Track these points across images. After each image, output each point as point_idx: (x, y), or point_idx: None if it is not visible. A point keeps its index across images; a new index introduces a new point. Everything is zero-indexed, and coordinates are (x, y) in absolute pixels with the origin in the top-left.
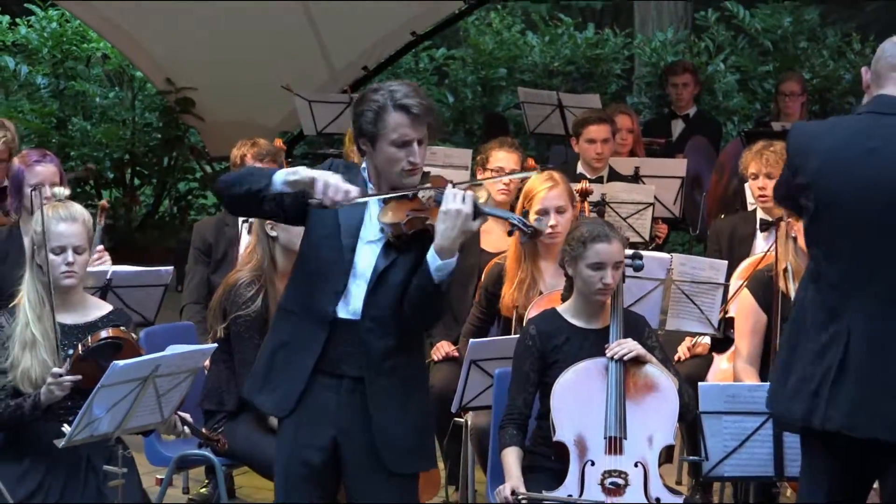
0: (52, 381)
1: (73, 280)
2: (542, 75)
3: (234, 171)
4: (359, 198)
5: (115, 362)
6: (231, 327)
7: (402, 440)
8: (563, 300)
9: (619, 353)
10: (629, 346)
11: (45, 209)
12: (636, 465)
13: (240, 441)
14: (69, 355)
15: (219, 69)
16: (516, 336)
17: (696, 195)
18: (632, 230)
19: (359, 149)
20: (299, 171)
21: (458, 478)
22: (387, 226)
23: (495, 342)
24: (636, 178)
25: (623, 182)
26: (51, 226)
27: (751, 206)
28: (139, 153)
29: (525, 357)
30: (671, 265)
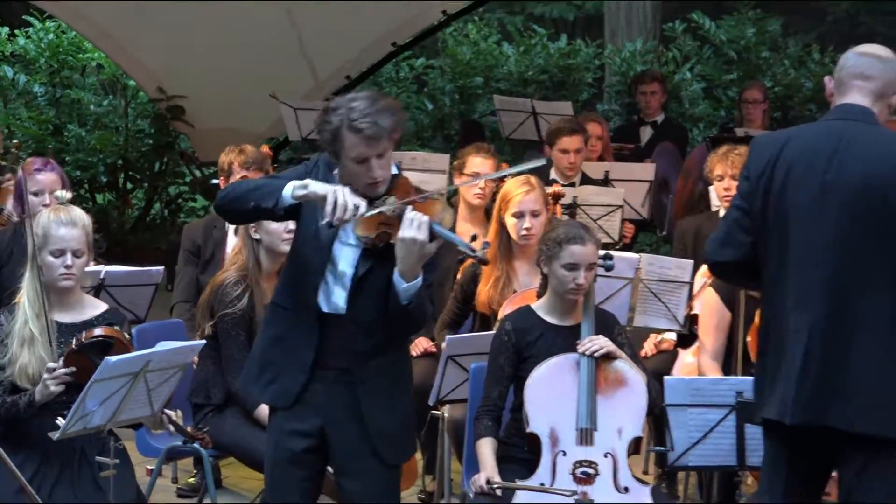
0: (47, 374)
1: (71, 282)
2: (517, 84)
3: (236, 186)
4: (368, 212)
5: (108, 358)
6: (218, 325)
7: (392, 432)
8: (539, 297)
9: (591, 349)
10: (600, 343)
11: (47, 213)
12: (606, 456)
13: (227, 433)
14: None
15: (208, 78)
16: (491, 332)
17: (664, 198)
18: (602, 231)
19: None
20: (309, 186)
21: (434, 467)
22: (359, 238)
23: (471, 338)
24: (606, 181)
25: (594, 185)
26: (52, 229)
27: (715, 208)
28: (132, 158)
29: (501, 352)
30: (639, 265)
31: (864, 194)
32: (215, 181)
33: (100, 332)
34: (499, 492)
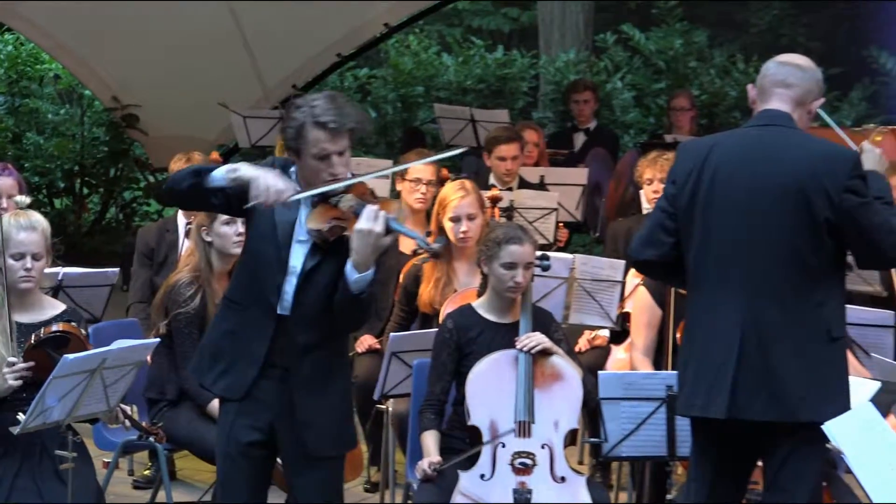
0: (7, 369)
1: (31, 284)
2: (457, 92)
3: (179, 170)
4: (293, 196)
5: (66, 356)
6: (172, 323)
7: (323, 426)
8: (479, 296)
9: (529, 345)
10: (537, 339)
11: (7, 217)
12: (543, 447)
13: (180, 427)
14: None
15: (161, 88)
16: (433, 330)
17: (596, 201)
18: (538, 233)
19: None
20: (240, 169)
21: (379, 459)
22: (311, 231)
23: (414, 335)
24: (542, 185)
25: (530, 189)
26: (12, 234)
27: (645, 211)
28: (88, 165)
29: (443, 349)
30: (573, 265)
31: (787, 197)
32: None
33: (57, 327)
34: (436, 473)
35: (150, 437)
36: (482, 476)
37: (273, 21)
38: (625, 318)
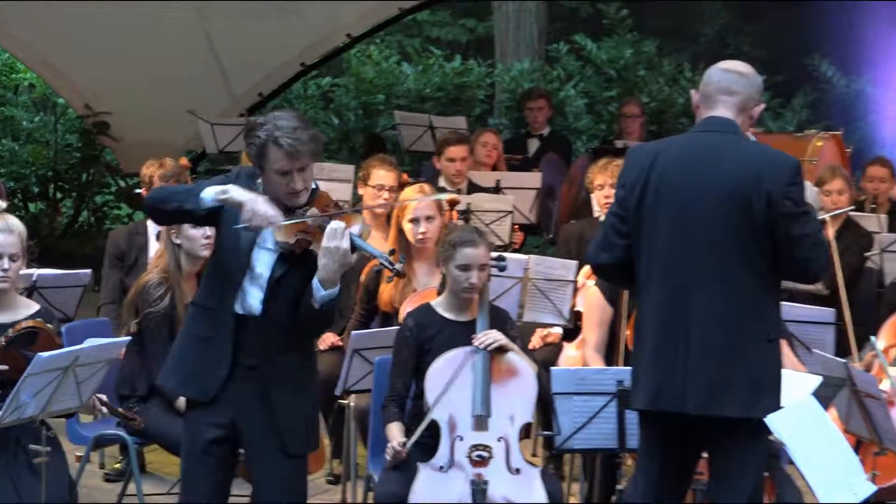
0: None
1: (7, 284)
2: (416, 100)
3: (162, 188)
4: (282, 222)
5: (40, 354)
6: (143, 323)
7: (298, 425)
8: (439, 295)
9: (485, 342)
10: (494, 336)
11: None
12: (499, 440)
13: (151, 422)
14: None
15: (132, 96)
16: (394, 328)
17: (550, 204)
18: (494, 235)
19: None
20: (230, 192)
21: (341, 452)
22: (279, 243)
23: (375, 333)
24: (497, 189)
25: (485, 193)
26: None
27: (596, 214)
28: (61, 170)
29: (403, 346)
30: (528, 265)
31: (730, 200)
32: (138, 191)
33: (26, 324)
34: (404, 448)
35: (130, 422)
36: (440, 468)
37: (240, 32)
38: (577, 316)
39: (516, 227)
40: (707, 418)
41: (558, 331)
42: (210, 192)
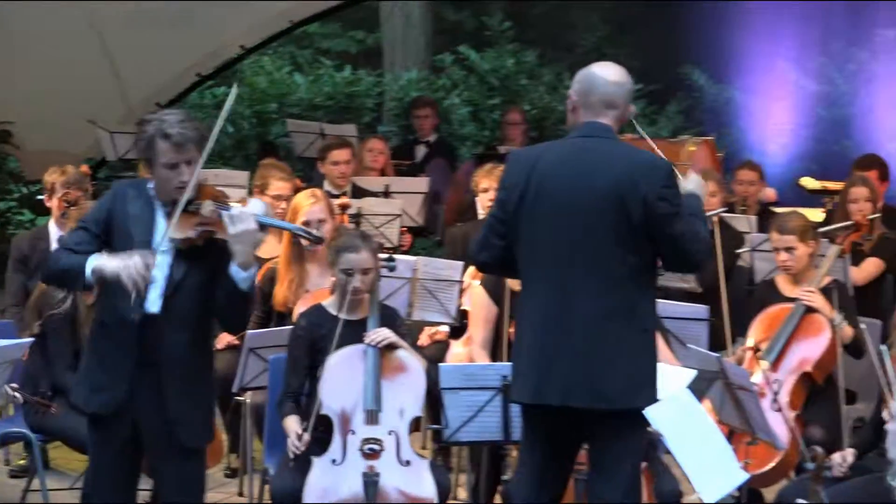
0: None
1: None
2: (307, 109)
3: (52, 264)
4: (157, 253)
5: None
6: (45, 324)
7: (194, 420)
8: (332, 295)
9: (375, 339)
10: (384, 334)
11: None
12: (390, 434)
13: (54, 420)
14: None
15: (33, 105)
16: (288, 327)
17: (436, 207)
18: (383, 237)
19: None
20: (104, 269)
21: (238, 447)
22: (178, 239)
23: (270, 333)
24: (387, 193)
25: (374, 197)
26: None
27: (481, 216)
28: None
29: (297, 345)
30: (416, 266)
31: (608, 202)
32: (40, 197)
33: None
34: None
35: (45, 409)
36: (334, 461)
37: (137, 43)
38: (463, 314)
39: (404, 229)
40: (587, 411)
41: (445, 329)
42: (88, 271)
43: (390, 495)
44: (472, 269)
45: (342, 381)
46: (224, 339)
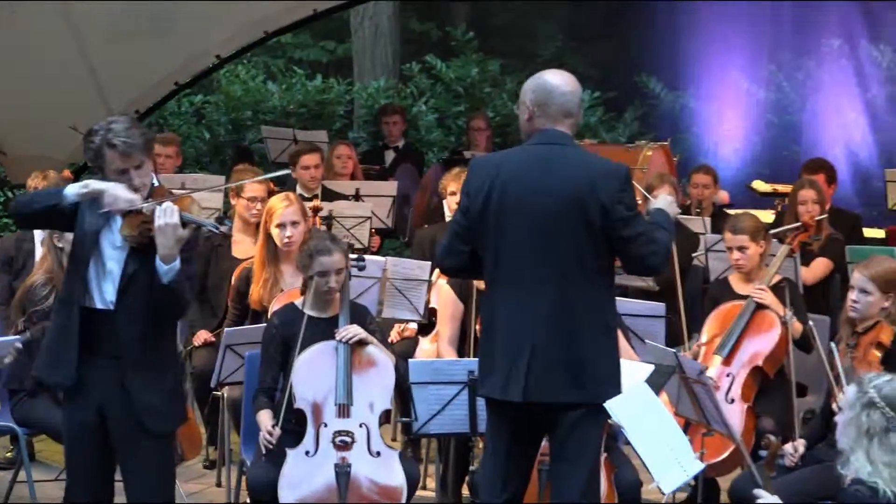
0: None
1: None
2: (281, 116)
3: (25, 193)
4: (141, 205)
5: None
6: (28, 320)
7: (158, 405)
8: (302, 295)
9: (346, 336)
10: (354, 331)
11: None
12: (361, 426)
13: (39, 414)
14: None
15: (16, 112)
16: (263, 325)
17: (405, 210)
18: (354, 238)
19: None
20: (90, 185)
21: (216, 439)
22: (126, 237)
23: (246, 330)
24: (357, 197)
25: (345, 200)
26: None
27: (448, 218)
28: None
29: (271, 342)
30: (386, 266)
31: (570, 206)
32: None
33: None
34: (278, 431)
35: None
36: (307, 453)
37: (117, 53)
38: (431, 312)
39: (373, 231)
40: (555, 405)
41: (414, 326)
42: (72, 189)
43: (362, 485)
44: None
45: (315, 375)
46: (201, 336)
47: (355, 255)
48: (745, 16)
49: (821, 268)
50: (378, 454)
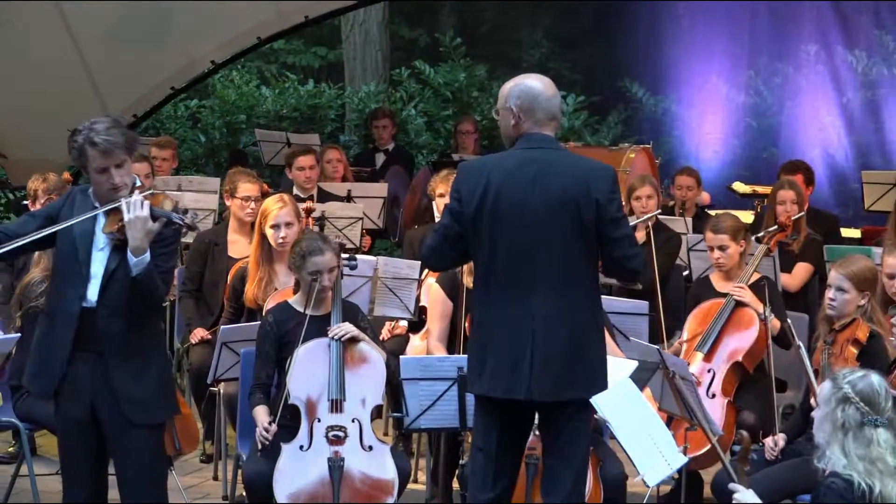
0: None
1: None
2: (274, 119)
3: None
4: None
5: None
6: (25, 316)
7: (144, 398)
8: (295, 294)
9: (339, 333)
10: (346, 328)
11: None
12: (353, 421)
13: (40, 409)
14: None
15: (17, 116)
16: (258, 323)
17: (395, 211)
18: (346, 239)
19: None
20: None
21: (213, 434)
22: (107, 235)
23: (241, 328)
24: (349, 198)
25: (338, 201)
26: None
27: (437, 219)
28: None
29: (265, 339)
30: (377, 265)
31: (563, 207)
32: (25, 202)
33: None
34: (274, 427)
35: None
36: (301, 447)
37: (115, 59)
38: (421, 310)
39: (365, 231)
40: (555, 402)
41: (405, 324)
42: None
43: (355, 478)
44: None
45: (308, 372)
46: (198, 333)
47: (347, 255)
48: (725, 23)
49: (803, 273)
50: (370, 448)
